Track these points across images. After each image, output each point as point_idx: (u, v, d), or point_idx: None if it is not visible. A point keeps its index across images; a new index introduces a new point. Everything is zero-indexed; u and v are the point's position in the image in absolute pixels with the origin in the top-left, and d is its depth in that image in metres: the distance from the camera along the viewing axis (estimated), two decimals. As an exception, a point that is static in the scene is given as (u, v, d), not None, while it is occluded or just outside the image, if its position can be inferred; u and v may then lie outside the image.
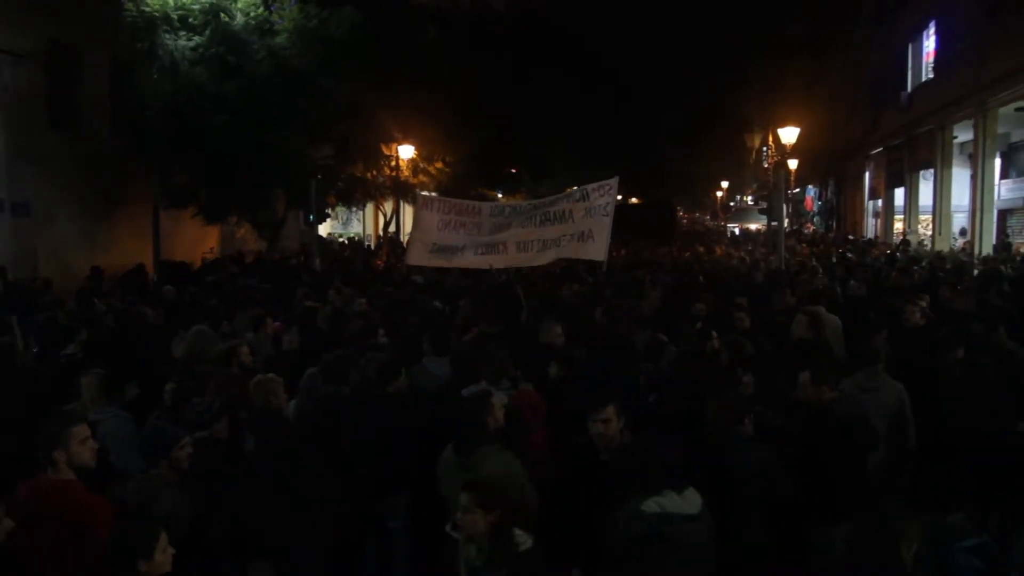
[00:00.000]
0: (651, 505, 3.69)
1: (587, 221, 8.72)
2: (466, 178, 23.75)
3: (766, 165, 32.31)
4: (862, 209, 31.82)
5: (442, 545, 3.80)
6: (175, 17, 14.29)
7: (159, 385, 5.34)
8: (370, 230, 31.64)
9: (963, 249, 18.85)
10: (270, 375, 5.34)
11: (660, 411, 5.15)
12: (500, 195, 30.97)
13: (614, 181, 8.96)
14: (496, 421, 4.54)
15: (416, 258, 10.25)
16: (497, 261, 9.40)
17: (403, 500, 5.30)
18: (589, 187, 9.08)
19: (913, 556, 3.22)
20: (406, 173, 20.43)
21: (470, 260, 9.64)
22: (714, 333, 6.59)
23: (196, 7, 14.45)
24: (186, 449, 4.28)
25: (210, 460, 4.43)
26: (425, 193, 19.70)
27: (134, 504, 3.99)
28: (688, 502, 3.76)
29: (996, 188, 19.21)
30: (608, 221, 8.63)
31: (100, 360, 5.83)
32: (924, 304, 8.22)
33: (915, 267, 13.67)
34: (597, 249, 8.67)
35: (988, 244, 17.74)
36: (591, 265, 10.60)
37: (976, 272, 13.23)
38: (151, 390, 5.45)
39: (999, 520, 4.58)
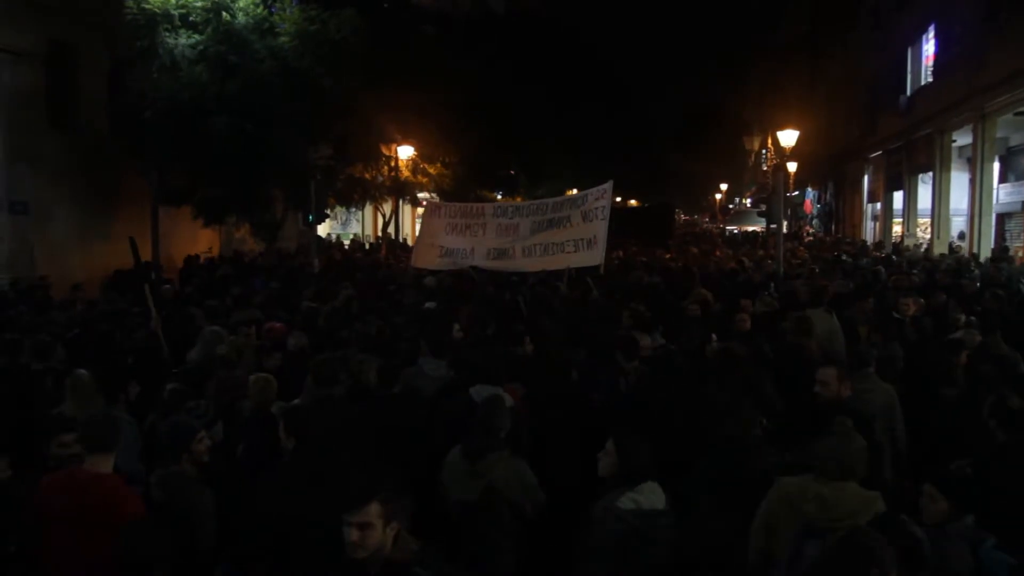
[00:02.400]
0: (627, 502, 3.69)
1: (587, 227, 9.01)
2: (465, 179, 23.75)
3: (765, 168, 32.35)
4: (861, 212, 31.82)
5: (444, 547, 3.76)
6: (176, 15, 14.24)
7: (160, 386, 5.33)
8: (369, 230, 31.64)
9: (953, 251, 18.87)
10: (265, 375, 5.33)
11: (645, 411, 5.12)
12: (499, 196, 31.00)
13: (608, 185, 9.32)
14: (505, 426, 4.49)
15: (424, 260, 10.55)
16: (508, 266, 9.76)
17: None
18: (588, 192, 9.38)
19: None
20: (405, 173, 20.43)
21: (481, 264, 9.99)
22: (713, 336, 6.61)
23: (198, 5, 14.41)
24: (204, 442, 4.21)
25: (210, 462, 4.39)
26: (429, 196, 19.79)
27: (159, 501, 3.92)
28: (657, 496, 3.75)
29: (995, 192, 19.23)
30: (604, 225, 8.89)
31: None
32: (916, 305, 8.26)
33: (913, 270, 13.68)
34: (595, 254, 8.93)
35: (987, 248, 17.76)
36: (588, 269, 10.79)
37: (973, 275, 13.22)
38: (153, 391, 5.44)
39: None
